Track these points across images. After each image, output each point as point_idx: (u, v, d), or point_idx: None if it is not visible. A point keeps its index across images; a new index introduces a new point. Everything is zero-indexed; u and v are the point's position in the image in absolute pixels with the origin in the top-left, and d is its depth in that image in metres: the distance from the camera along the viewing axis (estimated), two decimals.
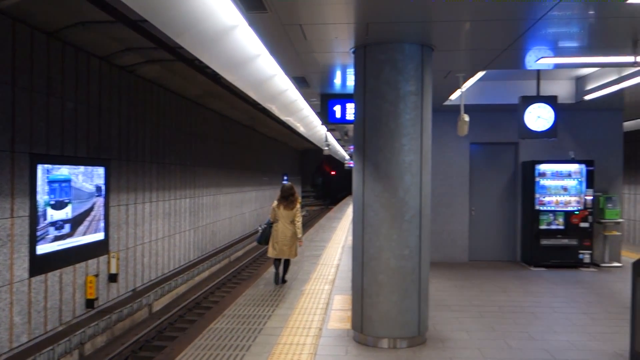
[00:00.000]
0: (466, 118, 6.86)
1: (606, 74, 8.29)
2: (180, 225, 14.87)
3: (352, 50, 5.74)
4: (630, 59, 5.88)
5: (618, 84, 7.89)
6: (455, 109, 7.38)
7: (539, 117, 8.34)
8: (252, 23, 5.32)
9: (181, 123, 14.97)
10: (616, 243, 10.41)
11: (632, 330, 4.93)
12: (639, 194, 14.32)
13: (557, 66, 6.92)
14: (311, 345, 5.46)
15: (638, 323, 4.83)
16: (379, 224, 5.49)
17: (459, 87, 7.30)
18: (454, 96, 8.73)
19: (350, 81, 7.57)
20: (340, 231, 16.79)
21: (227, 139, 20.14)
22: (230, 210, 20.74)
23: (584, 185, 10.00)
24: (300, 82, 8.11)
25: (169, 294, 12.66)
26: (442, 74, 6.87)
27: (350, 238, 6.14)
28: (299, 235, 8.54)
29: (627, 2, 4.16)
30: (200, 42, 6.18)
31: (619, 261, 10.31)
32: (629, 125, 12.71)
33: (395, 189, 5.44)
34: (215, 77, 11.89)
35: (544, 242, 9.97)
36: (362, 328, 5.58)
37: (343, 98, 8.56)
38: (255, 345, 5.49)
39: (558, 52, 5.97)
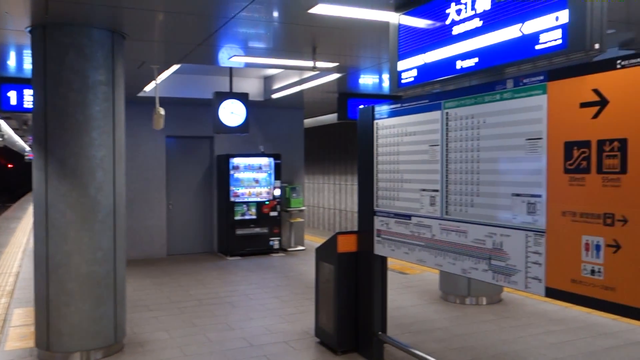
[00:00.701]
0: (162, 111, 6.68)
1: (290, 75, 9.06)
2: None
3: (29, 29, 5.00)
4: (310, 63, 6.50)
5: (300, 85, 8.71)
6: (150, 101, 7.13)
7: (232, 112, 8.65)
8: None
9: None
10: (300, 229, 11.58)
11: (316, 308, 5.48)
12: (316, 183, 16.21)
13: (248, 65, 7.25)
14: None
15: (321, 302, 5.38)
16: (66, 226, 4.92)
17: (154, 79, 7.06)
18: (149, 88, 8.44)
19: (29, 64, 6.63)
20: (20, 233, 14.82)
21: None
22: None
23: (272, 177, 10.80)
24: None
25: None
26: (136, 64, 6.54)
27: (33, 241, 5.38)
28: None
29: (308, 11, 4.53)
30: None
31: (302, 245, 11.49)
32: (308, 122, 14.22)
33: (86, 186, 4.95)
34: None
35: (239, 231, 10.47)
36: (48, 344, 4.95)
37: (20, 83, 7.44)
38: None
39: (249, 51, 6.23)
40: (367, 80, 8.36)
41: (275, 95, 9.63)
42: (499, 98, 3.49)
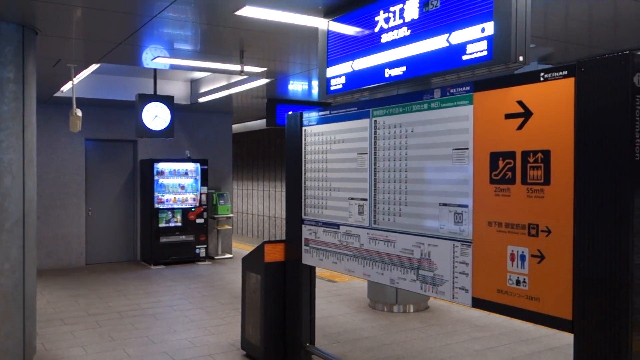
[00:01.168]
0: (79, 113, 6.32)
1: (218, 79, 8.83)
2: None
3: None
4: (237, 67, 6.33)
5: (227, 89, 8.50)
6: (68, 102, 6.73)
7: (156, 116, 8.32)
8: None
9: None
10: (228, 236, 11.32)
11: (243, 320, 5.30)
12: (245, 189, 15.96)
13: (173, 67, 6.99)
14: None
15: (247, 313, 5.22)
16: None
17: (71, 78, 6.66)
18: (66, 88, 7.97)
19: None
20: None
21: None
22: None
23: (199, 183, 10.50)
24: None
25: None
26: (51, 62, 6.15)
27: None
28: None
29: (235, 13, 4.39)
30: None
31: (230, 252, 11.23)
32: (237, 127, 13.98)
33: None
34: None
35: (163, 239, 10.09)
36: None
37: None
38: None
39: (173, 53, 6.00)
40: (296, 87, 8.27)
41: (202, 99, 9.36)
42: (427, 107, 3.48)
